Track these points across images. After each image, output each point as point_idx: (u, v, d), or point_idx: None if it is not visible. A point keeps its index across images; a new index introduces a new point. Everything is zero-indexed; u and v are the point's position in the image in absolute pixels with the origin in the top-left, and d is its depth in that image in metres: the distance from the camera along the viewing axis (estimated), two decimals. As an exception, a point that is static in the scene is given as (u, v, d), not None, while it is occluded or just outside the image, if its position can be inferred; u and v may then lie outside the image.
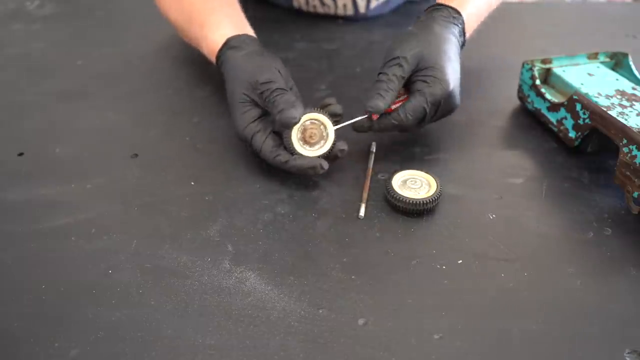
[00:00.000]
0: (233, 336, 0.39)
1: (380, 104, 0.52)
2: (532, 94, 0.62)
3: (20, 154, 0.58)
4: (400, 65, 0.53)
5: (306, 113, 0.51)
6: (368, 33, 0.84)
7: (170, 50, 0.79)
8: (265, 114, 0.54)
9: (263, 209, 0.50)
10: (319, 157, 0.51)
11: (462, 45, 0.60)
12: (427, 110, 0.53)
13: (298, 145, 0.51)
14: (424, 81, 0.53)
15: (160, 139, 0.61)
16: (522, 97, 0.65)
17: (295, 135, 0.51)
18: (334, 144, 0.52)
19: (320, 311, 0.41)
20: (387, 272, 0.44)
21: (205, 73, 0.72)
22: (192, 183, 0.54)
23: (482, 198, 0.52)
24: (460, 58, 0.58)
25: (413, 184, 0.51)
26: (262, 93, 0.52)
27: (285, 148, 0.52)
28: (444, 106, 0.54)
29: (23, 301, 0.42)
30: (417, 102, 0.53)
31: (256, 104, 0.53)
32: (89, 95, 0.69)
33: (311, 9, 0.88)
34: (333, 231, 0.48)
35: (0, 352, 0.38)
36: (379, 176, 0.54)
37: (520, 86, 0.65)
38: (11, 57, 0.79)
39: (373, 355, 0.38)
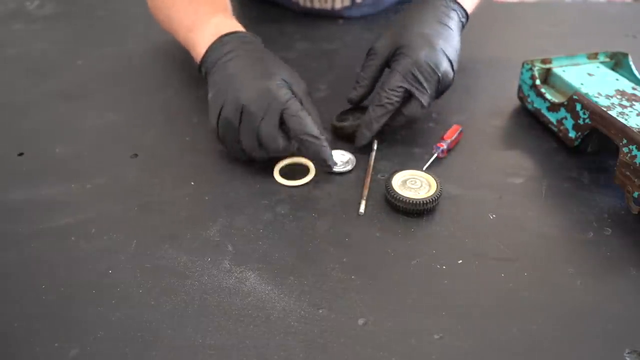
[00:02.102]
0: (233, 336, 0.39)
1: (354, 93, 0.58)
2: (532, 94, 0.62)
3: (20, 154, 0.58)
4: (373, 55, 0.57)
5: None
6: (368, 33, 0.84)
7: (171, 50, 0.79)
8: None
9: (263, 209, 0.51)
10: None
11: (463, 24, 0.62)
12: (406, 84, 0.54)
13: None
14: (395, 60, 0.56)
15: (160, 139, 0.61)
16: (522, 97, 0.65)
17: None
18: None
19: (320, 311, 0.41)
20: (387, 272, 0.44)
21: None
22: (192, 183, 0.54)
23: (482, 198, 0.52)
24: (460, 33, 0.60)
25: (413, 184, 0.51)
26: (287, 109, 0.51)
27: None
28: (427, 76, 0.54)
29: (23, 301, 0.42)
30: (393, 80, 0.54)
31: None
32: (89, 95, 0.69)
33: (308, 4, 0.87)
34: (333, 231, 0.48)
35: (0, 352, 0.38)
36: (379, 176, 0.54)
37: (520, 86, 0.65)
38: (11, 57, 0.79)
39: (373, 355, 0.38)
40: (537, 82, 0.61)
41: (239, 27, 0.59)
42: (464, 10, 0.62)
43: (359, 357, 0.38)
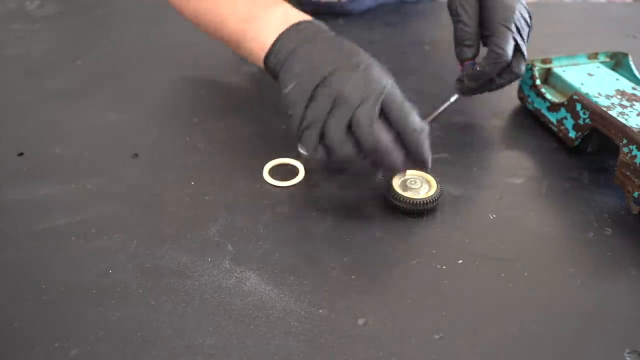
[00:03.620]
0: (233, 336, 0.39)
1: (470, 54, 0.56)
2: (532, 94, 0.62)
3: (20, 154, 0.58)
4: (462, 5, 0.55)
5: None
6: (368, 33, 0.84)
7: (171, 50, 0.79)
8: None
9: (263, 209, 0.50)
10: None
11: None
12: (517, 38, 0.53)
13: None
14: (493, 11, 0.54)
15: (160, 139, 0.61)
16: (522, 97, 0.65)
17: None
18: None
19: (320, 311, 0.41)
20: (387, 272, 0.44)
21: (206, 73, 0.72)
22: (192, 183, 0.54)
23: (482, 198, 0.52)
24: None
25: (413, 184, 0.51)
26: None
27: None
28: (526, 29, 0.55)
29: (23, 301, 0.42)
30: (503, 36, 0.53)
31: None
32: (89, 95, 0.69)
33: None
34: (333, 231, 0.48)
35: (0, 352, 0.38)
36: (380, 176, 0.54)
37: (520, 86, 0.65)
38: (11, 57, 0.79)
39: (373, 355, 0.38)
40: (537, 82, 0.61)
41: (309, 17, 0.52)
42: None
43: (359, 357, 0.38)
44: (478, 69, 0.55)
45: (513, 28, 0.54)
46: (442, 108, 0.54)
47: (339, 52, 0.47)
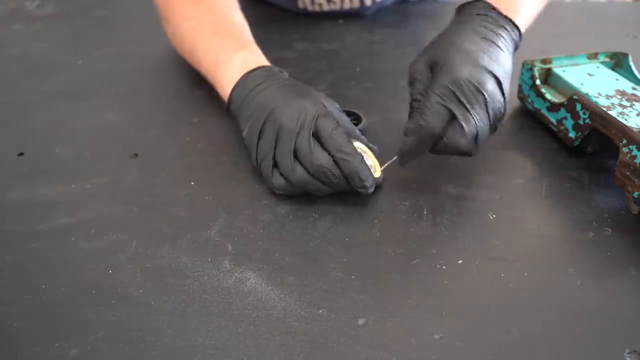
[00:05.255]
0: (233, 336, 0.39)
1: (405, 144, 0.49)
2: (532, 94, 0.62)
3: (20, 154, 0.58)
4: (417, 81, 0.50)
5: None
6: (368, 33, 0.84)
7: (171, 50, 0.79)
8: None
9: (263, 209, 0.51)
10: None
11: (516, 44, 0.54)
12: (446, 102, 0.47)
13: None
14: (433, 83, 0.49)
15: (160, 139, 0.61)
16: (522, 97, 0.65)
17: None
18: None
19: (320, 311, 0.41)
20: (387, 272, 0.44)
21: (205, 73, 0.72)
22: (192, 183, 0.54)
23: (482, 198, 0.52)
24: (513, 59, 0.53)
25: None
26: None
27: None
28: (470, 96, 0.47)
29: (23, 301, 0.42)
30: (430, 98, 0.48)
31: None
32: (89, 95, 0.69)
33: (317, 8, 0.87)
34: (333, 231, 0.48)
35: (0, 352, 0.38)
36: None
37: (520, 86, 0.65)
38: (11, 57, 0.79)
39: (373, 355, 0.38)
40: (537, 82, 0.61)
41: (265, 62, 0.57)
42: (517, 27, 0.53)
43: (359, 357, 0.38)
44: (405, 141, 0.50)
45: (448, 97, 0.47)
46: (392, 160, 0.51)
47: (283, 90, 0.51)
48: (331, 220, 0.49)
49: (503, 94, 0.50)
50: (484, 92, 0.48)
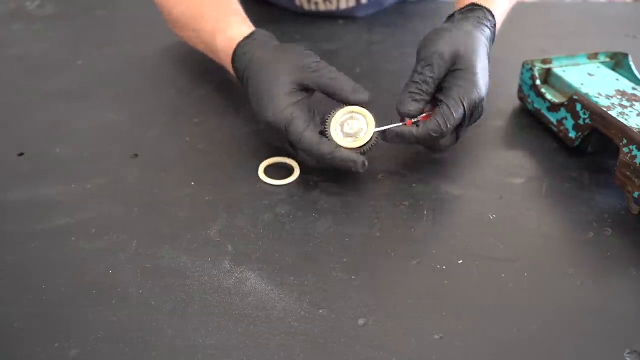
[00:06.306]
0: (233, 336, 0.39)
1: (412, 108, 0.50)
2: (532, 94, 0.62)
3: (20, 154, 0.58)
4: (435, 65, 0.50)
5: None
6: (368, 33, 0.84)
7: (171, 50, 0.79)
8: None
9: (263, 209, 0.51)
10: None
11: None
12: (465, 114, 0.49)
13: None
14: (459, 85, 0.50)
15: (160, 139, 0.61)
16: (522, 97, 0.65)
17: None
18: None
19: (320, 311, 0.41)
20: (387, 272, 0.44)
21: (206, 73, 0.72)
22: (192, 183, 0.54)
23: (482, 198, 0.52)
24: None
25: (349, 127, 0.51)
26: (317, 72, 0.51)
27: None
28: (475, 114, 0.52)
29: (23, 301, 0.42)
30: (455, 106, 0.49)
31: (302, 89, 0.52)
32: (89, 95, 0.69)
33: (312, 7, 0.87)
34: (333, 231, 0.48)
35: (0, 352, 0.38)
36: (380, 176, 0.54)
37: (520, 86, 0.65)
38: (11, 57, 0.79)
39: (373, 355, 0.38)
40: (537, 82, 0.61)
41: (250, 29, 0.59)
42: (494, 30, 0.58)
43: (359, 357, 0.38)
44: (413, 130, 0.50)
45: (467, 108, 0.49)
46: (391, 126, 0.51)
47: (265, 89, 0.52)
48: (331, 220, 0.49)
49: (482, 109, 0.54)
50: (480, 116, 0.53)
